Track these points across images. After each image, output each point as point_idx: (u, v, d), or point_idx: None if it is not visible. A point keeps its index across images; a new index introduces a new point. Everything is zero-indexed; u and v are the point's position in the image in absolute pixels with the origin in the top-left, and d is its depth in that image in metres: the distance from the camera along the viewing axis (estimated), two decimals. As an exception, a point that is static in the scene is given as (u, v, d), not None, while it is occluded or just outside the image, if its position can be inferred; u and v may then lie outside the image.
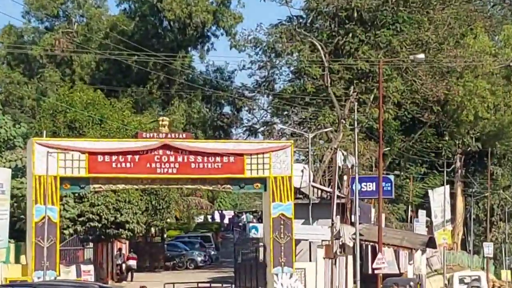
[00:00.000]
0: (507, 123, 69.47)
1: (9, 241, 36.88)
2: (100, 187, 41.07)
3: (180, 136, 41.44)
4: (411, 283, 45.78)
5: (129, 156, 38.70)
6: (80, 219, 45.04)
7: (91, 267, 43.42)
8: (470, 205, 77.82)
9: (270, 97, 64.72)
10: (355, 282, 46.84)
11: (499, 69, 66.06)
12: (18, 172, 39.98)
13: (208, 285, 41.58)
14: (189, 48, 70.86)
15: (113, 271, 49.58)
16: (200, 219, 79.10)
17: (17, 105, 64.33)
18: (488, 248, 71.19)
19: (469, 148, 73.51)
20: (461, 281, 56.01)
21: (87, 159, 37.60)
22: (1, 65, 72.58)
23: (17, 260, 38.52)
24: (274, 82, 64.54)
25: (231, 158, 39.33)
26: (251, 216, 70.06)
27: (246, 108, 68.91)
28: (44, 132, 43.05)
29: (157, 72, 65.43)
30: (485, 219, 77.43)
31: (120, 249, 51.37)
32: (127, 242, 53.41)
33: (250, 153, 39.67)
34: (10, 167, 38.72)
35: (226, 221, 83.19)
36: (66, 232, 42.87)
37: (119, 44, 61.75)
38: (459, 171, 74.96)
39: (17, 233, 39.24)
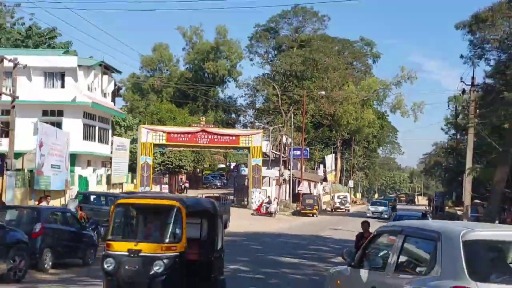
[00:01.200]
0: (361, 126, 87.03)
1: (128, 173, 51.21)
2: (171, 149, 57.42)
3: (210, 126, 57.96)
4: (315, 197, 61.36)
5: (186, 135, 54.24)
6: (162, 163, 61.33)
7: (167, 186, 59.65)
8: (343, 163, 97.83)
9: (254, 110, 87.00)
10: (289, 196, 64.31)
11: (359, 100, 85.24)
12: (134, 141, 54.34)
13: (219, 195, 47.11)
14: (217, 86, 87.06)
15: (177, 188, 62.84)
16: (220, 165, 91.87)
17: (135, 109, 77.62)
18: (351, 182, 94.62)
19: (344, 137, 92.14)
20: (338, 197, 71.95)
21: (166, 136, 53.11)
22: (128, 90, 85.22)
23: (131, 182, 52.58)
24: (256, 103, 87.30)
25: (233, 138, 55.69)
26: (243, 165, 73.73)
27: (242, 115, 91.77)
28: (146, 122, 59.75)
29: (201, 96, 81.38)
30: (350, 169, 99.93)
31: (181, 178, 67.31)
32: (185, 175, 69.07)
33: (242, 135, 56.59)
34: (130, 139, 54.27)
35: (232, 167, 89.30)
36: (156, 169, 58.55)
37: (184, 82, 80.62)
38: (339, 147, 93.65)
39: (131, 169, 52.58)
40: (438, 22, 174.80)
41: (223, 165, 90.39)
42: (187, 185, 65.55)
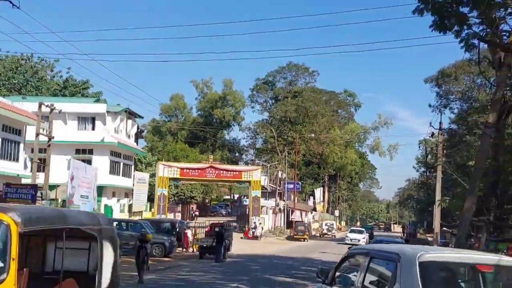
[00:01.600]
0: (345, 164, 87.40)
1: (146, 203, 52.39)
2: (184, 182, 58.94)
3: (217, 163, 57.97)
4: (306, 224, 61.50)
5: (196, 170, 54.14)
6: (176, 194, 61.70)
7: (180, 214, 58.49)
8: (330, 195, 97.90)
9: (254, 150, 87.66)
10: (284, 223, 63.91)
11: (343, 142, 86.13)
12: (153, 175, 54.05)
13: (224, 222, 44.31)
14: (223, 129, 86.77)
15: (188, 216, 62.33)
16: (226, 197, 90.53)
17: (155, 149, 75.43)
18: (337, 211, 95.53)
19: (330, 173, 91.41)
20: (325, 225, 72.40)
21: (180, 171, 52.96)
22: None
23: (149, 210, 52.70)
24: (256, 144, 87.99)
25: (237, 173, 55.98)
26: (245, 196, 73.16)
27: (244, 154, 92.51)
28: (163, 159, 60.22)
29: (210, 138, 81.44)
30: (336, 200, 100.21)
31: (192, 208, 67.43)
32: (195, 204, 68.19)
33: (244, 170, 56.76)
34: (149, 173, 54.40)
35: (235, 198, 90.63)
36: (171, 199, 58.48)
37: (196, 126, 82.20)
38: (326, 182, 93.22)
39: (150, 199, 53.36)
40: (409, 77, 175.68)
41: (228, 197, 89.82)
42: (197, 213, 64.66)
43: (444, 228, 39.22)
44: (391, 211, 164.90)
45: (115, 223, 29.53)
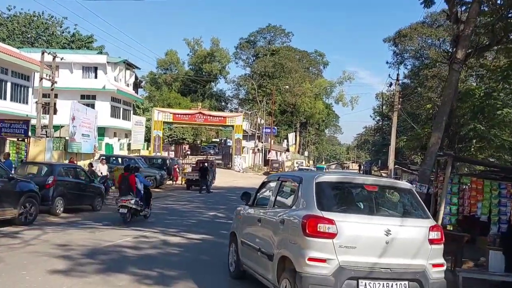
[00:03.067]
0: (314, 113, 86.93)
1: (144, 143, 49.72)
2: (176, 126, 57.23)
3: (205, 110, 55.87)
4: (280, 162, 60.61)
5: (187, 115, 52.75)
6: (170, 136, 60.88)
7: (173, 153, 55.96)
8: (301, 139, 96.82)
9: (238, 100, 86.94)
10: (262, 161, 64.00)
11: (312, 94, 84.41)
12: (149, 119, 52.25)
13: (208, 159, 41.50)
14: (211, 82, 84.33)
15: (181, 154, 58.23)
16: (214, 139, 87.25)
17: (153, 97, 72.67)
18: (306, 152, 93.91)
19: (301, 120, 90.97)
20: (296, 163, 71.38)
21: (172, 116, 51.67)
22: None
23: (146, 149, 49.65)
24: (239, 95, 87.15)
25: (222, 118, 54.68)
26: (229, 139, 66.46)
27: (229, 103, 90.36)
28: (158, 106, 58.74)
29: (200, 89, 79.53)
30: (306, 143, 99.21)
31: (185, 147, 64.98)
32: (187, 145, 66.68)
33: (228, 116, 55.44)
34: (146, 117, 52.69)
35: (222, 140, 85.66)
36: (165, 140, 57.32)
37: (188, 78, 79.46)
38: (298, 128, 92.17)
39: (147, 140, 51.81)
40: (369, 39, 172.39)
41: (217, 139, 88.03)
42: (189, 152, 63.16)
43: (396, 166, 38.49)
44: (350, 152, 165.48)
45: (111, 159, 29.24)
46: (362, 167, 72.46)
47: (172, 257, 9.63)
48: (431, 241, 5.82)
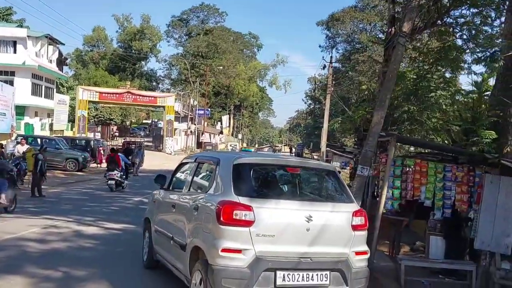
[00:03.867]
0: (248, 96, 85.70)
1: (68, 123, 47.54)
2: (103, 105, 54.76)
3: (134, 89, 53.17)
4: (213, 145, 60.75)
5: (114, 94, 49.83)
6: (96, 116, 58.24)
7: (99, 134, 52.39)
8: (235, 121, 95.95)
9: (170, 80, 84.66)
10: (195, 143, 60.90)
11: (247, 77, 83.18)
12: (74, 98, 48.77)
13: (135, 140, 44.54)
14: (141, 60, 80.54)
15: (109, 136, 54.48)
16: (145, 121, 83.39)
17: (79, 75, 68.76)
18: (240, 135, 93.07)
19: (235, 103, 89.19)
20: (230, 145, 67.09)
21: (98, 95, 48.56)
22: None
23: (71, 129, 47.74)
24: (171, 75, 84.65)
25: (152, 98, 52.03)
26: (160, 120, 65.36)
27: (161, 83, 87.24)
28: (84, 84, 55.31)
29: (129, 67, 75.47)
30: (239, 126, 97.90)
31: (112, 129, 61.07)
32: (115, 126, 63.33)
33: (159, 96, 52.96)
34: (70, 96, 49.56)
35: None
36: (91, 120, 54.97)
37: (116, 56, 74.83)
38: (232, 110, 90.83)
39: (71, 120, 48.94)
40: (303, 24, 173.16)
41: (148, 121, 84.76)
42: (117, 134, 60.60)
43: (327, 148, 38.66)
44: (283, 136, 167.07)
45: (29, 139, 26.39)
46: (293, 149, 71.91)
47: (83, 252, 8.33)
48: (354, 227, 5.50)
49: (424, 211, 9.75)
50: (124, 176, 19.12)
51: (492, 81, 15.67)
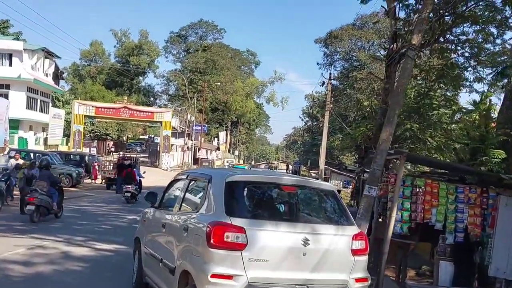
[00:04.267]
0: (245, 112, 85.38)
1: (63, 138, 47.19)
2: (99, 120, 54.36)
3: (131, 104, 53.86)
4: (210, 161, 61.13)
5: (111, 109, 49.84)
6: (92, 131, 57.61)
7: (95, 149, 51.31)
8: (232, 138, 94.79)
9: (167, 96, 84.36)
10: (191, 160, 61.25)
11: (244, 93, 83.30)
12: (70, 113, 48.62)
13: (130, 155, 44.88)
14: (139, 76, 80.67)
15: (104, 151, 54.57)
16: (142, 136, 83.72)
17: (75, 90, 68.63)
18: (237, 151, 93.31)
19: (233, 119, 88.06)
20: (227, 162, 68.52)
21: (95, 109, 48.65)
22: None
23: (66, 144, 47.11)
24: (169, 90, 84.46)
25: (149, 113, 52.26)
26: (157, 137, 64.09)
27: (158, 99, 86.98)
28: (80, 98, 55.80)
29: (127, 82, 76.15)
30: (236, 142, 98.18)
31: (109, 144, 60.53)
32: (111, 141, 62.54)
33: (156, 112, 53.34)
34: (65, 110, 49.03)
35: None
36: (87, 135, 54.60)
37: (114, 71, 75.16)
38: (229, 126, 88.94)
39: (67, 135, 48.59)
40: (299, 41, 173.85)
41: (145, 137, 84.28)
42: (113, 149, 59.68)
43: (326, 166, 38.35)
44: (279, 153, 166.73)
45: (22, 153, 25.38)
46: (290, 167, 71.98)
47: (70, 276, 7.67)
48: (355, 252, 5.15)
49: (429, 233, 9.22)
50: (139, 189, 21.06)
51: (493, 100, 15.38)
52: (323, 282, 4.91)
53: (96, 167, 30.39)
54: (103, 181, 29.24)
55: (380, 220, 11.78)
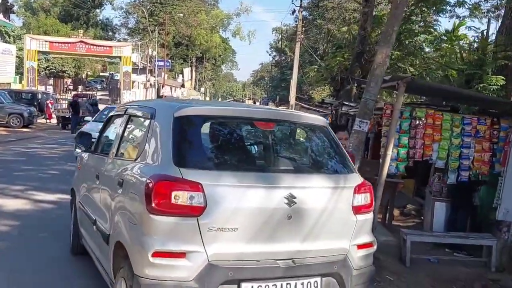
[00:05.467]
0: (210, 47, 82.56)
1: (16, 75, 43.34)
2: (54, 56, 50.81)
3: (87, 38, 51.09)
4: (175, 98, 63.06)
5: (66, 44, 46.63)
6: (47, 68, 54.74)
7: (51, 87, 49.98)
8: (197, 74, 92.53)
9: (127, 29, 79.27)
10: (155, 97, 55.66)
11: (209, 26, 79.65)
12: (22, 49, 44.69)
13: (86, 93, 40.84)
14: (96, 8, 74.26)
15: (62, 89, 51.43)
16: (102, 74, 77.92)
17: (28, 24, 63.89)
18: (203, 88, 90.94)
19: (197, 55, 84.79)
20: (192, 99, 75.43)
21: (49, 44, 45.23)
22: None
23: (19, 82, 43.44)
24: (128, 24, 79.28)
25: (107, 48, 48.64)
26: (117, 72, 61.63)
27: (117, 33, 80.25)
28: (33, 33, 51.57)
29: (84, 14, 69.70)
30: (202, 79, 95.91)
31: (66, 82, 56.83)
32: (69, 79, 59.51)
33: (115, 46, 49.78)
34: (17, 46, 44.74)
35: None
36: (42, 73, 51.85)
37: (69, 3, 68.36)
38: (194, 62, 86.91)
39: (20, 73, 44.82)
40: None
41: (105, 74, 78.99)
42: (71, 87, 56.93)
43: (296, 102, 37.40)
44: (246, 89, 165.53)
45: None
46: (257, 103, 71.10)
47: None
48: (357, 209, 3.73)
49: (414, 169, 8.45)
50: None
51: (463, 30, 14.34)
52: (315, 253, 3.55)
53: (50, 105, 28.34)
54: (58, 120, 27.35)
55: (365, 158, 10.80)
